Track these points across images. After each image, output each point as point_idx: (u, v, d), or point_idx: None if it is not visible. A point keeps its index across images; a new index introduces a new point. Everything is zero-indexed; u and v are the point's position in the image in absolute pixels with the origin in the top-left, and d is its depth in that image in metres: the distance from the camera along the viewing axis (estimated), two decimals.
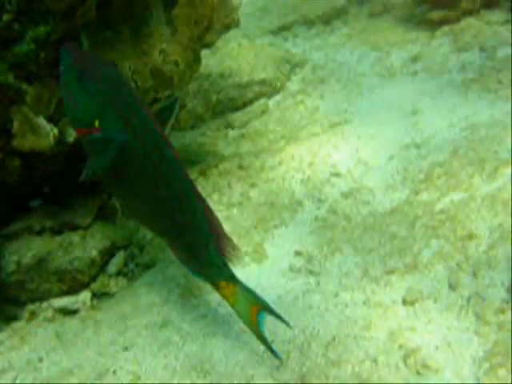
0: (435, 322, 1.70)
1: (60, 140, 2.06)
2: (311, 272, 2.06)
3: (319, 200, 2.39)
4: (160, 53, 2.28)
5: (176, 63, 2.30)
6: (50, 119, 2.04)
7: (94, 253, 2.16)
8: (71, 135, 2.08)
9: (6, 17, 1.88)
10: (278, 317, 1.70)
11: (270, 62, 3.44)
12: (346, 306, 1.84)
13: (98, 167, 1.69)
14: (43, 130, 1.99)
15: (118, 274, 2.20)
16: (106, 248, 2.20)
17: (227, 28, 2.29)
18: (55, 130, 2.01)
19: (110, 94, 1.63)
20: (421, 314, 1.74)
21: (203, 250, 1.75)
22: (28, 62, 1.97)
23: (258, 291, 1.95)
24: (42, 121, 2.00)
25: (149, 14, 2.31)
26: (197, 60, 2.35)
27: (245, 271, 2.13)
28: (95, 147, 1.68)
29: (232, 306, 1.76)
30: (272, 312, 1.71)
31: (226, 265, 1.76)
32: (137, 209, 1.85)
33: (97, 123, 1.63)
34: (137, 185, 1.72)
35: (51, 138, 1.99)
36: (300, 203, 2.40)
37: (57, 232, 2.22)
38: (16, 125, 1.99)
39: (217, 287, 1.78)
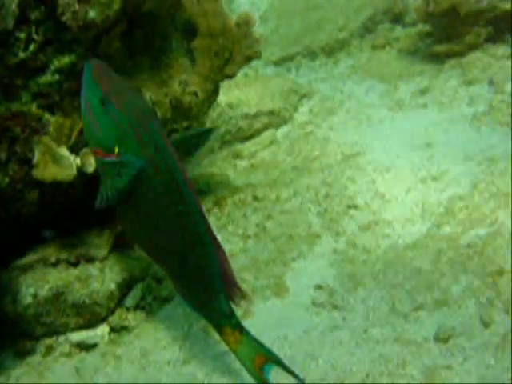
0: (472, 361, 1.67)
1: (80, 170, 2.03)
2: (335, 307, 2.03)
3: (337, 233, 2.37)
4: (180, 83, 2.26)
5: (195, 94, 2.29)
6: (71, 149, 2.01)
7: (113, 286, 2.11)
8: (91, 165, 2.05)
9: (32, 47, 1.86)
10: (290, 371, 1.65)
11: (277, 93, 3.44)
12: (377, 342, 1.81)
13: (113, 191, 1.65)
14: (66, 161, 1.96)
15: (136, 307, 2.15)
16: (125, 281, 2.16)
17: (248, 60, 2.28)
18: (78, 161, 1.98)
19: (132, 122, 1.60)
20: (455, 352, 1.71)
21: (212, 296, 1.71)
22: (52, 92, 1.95)
23: (283, 326, 1.93)
24: (64, 151, 1.97)
25: (168, 45, 2.30)
26: (216, 91, 2.33)
27: (266, 305, 2.11)
28: (111, 170, 1.65)
29: (233, 352, 1.72)
30: (283, 366, 1.66)
31: (233, 313, 1.73)
32: (146, 241, 1.80)
33: (116, 149, 1.60)
34: (150, 218, 1.69)
35: (74, 169, 1.95)
36: (317, 236, 2.38)
37: (72, 264, 2.18)
38: (38, 155, 1.95)
39: (220, 332, 1.74)
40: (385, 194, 2.45)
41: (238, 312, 1.94)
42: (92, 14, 1.85)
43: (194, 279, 1.73)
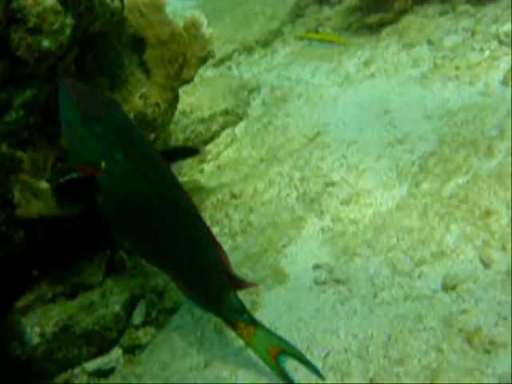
0: (484, 301, 1.73)
1: None
2: (338, 281, 2.06)
3: (321, 212, 2.41)
4: (140, 97, 2.26)
5: (157, 105, 2.29)
6: (49, 181, 2.00)
7: (118, 307, 2.11)
8: None
9: None
10: (304, 361, 1.69)
11: (226, 92, 3.46)
12: (389, 304, 1.86)
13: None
14: (47, 194, 1.94)
15: (144, 323, 2.15)
16: (127, 300, 2.15)
17: (204, 61, 2.30)
18: None
19: (115, 135, 1.60)
20: (466, 296, 1.77)
21: (221, 294, 1.73)
22: (19, 129, 1.93)
23: (294, 309, 1.96)
24: (43, 184, 1.95)
25: (121, 62, 2.30)
26: (176, 98, 2.34)
27: (271, 294, 2.13)
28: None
29: (249, 346, 1.75)
30: (297, 357, 1.70)
31: (244, 307, 1.76)
32: (148, 250, 1.79)
33: (103, 164, 1.60)
34: (148, 227, 1.68)
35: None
36: (302, 219, 2.42)
37: (70, 296, 2.16)
38: (17, 194, 1.93)
39: (234, 327, 1.76)
40: (357, 166, 2.51)
41: (247, 305, 1.96)
42: (46, 43, 1.83)
43: (201, 280, 1.75)
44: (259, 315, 1.95)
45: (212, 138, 3.27)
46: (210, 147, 3.20)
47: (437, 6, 3.47)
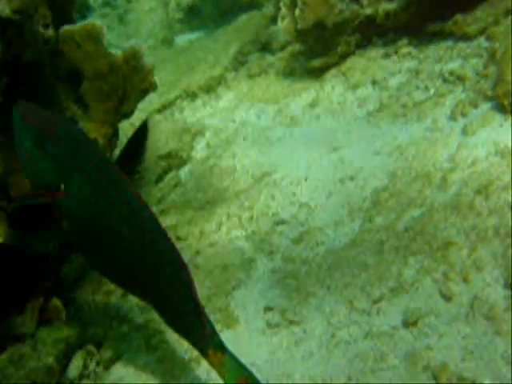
0: (448, 335, 1.62)
1: None
2: (291, 322, 1.94)
3: (271, 252, 2.29)
4: None
5: (95, 140, 2.16)
6: None
7: (50, 360, 1.92)
8: (1, 236, 1.87)
9: None
10: None
11: (170, 136, 3.36)
12: (348, 343, 1.73)
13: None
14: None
15: (81, 377, 1.96)
16: (62, 352, 1.96)
17: (145, 93, 2.19)
18: None
19: (71, 154, 1.53)
20: (429, 331, 1.66)
21: (191, 317, 1.60)
22: None
23: (245, 354, 1.81)
24: None
25: (55, 95, 2.16)
26: (116, 133, 2.22)
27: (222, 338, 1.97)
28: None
29: (221, 377, 1.61)
30: None
31: (215, 333, 1.64)
32: (114, 272, 1.68)
33: (62, 187, 1.53)
34: (114, 248, 1.59)
35: None
36: (252, 260, 2.29)
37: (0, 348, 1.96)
38: None
39: (204, 354, 1.64)
40: (308, 203, 2.41)
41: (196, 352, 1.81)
42: None
43: (172, 302, 1.63)
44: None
45: (155, 182, 3.13)
46: (153, 191, 3.06)
47: (379, 48, 3.47)
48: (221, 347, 1.61)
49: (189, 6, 5.51)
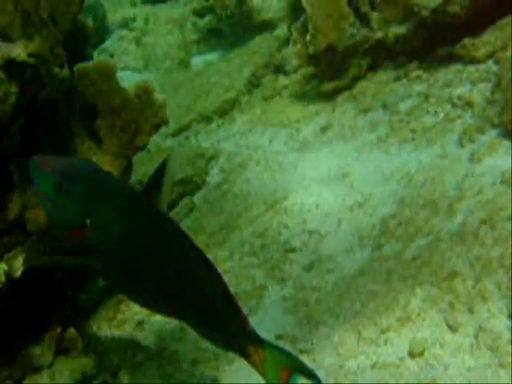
0: (452, 367, 1.65)
1: (7, 276, 1.91)
2: (302, 351, 1.97)
3: (282, 279, 2.34)
4: None
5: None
6: None
7: None
8: (19, 269, 1.94)
9: None
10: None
11: (184, 161, 3.42)
12: (355, 374, 1.77)
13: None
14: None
15: None
16: (78, 382, 2.02)
17: (157, 128, 2.25)
18: (3, 266, 1.85)
19: (94, 189, 1.54)
20: (434, 363, 1.69)
21: (227, 321, 1.60)
22: None
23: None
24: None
25: (71, 130, 2.24)
26: (129, 166, 2.28)
27: (232, 368, 2.04)
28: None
29: (262, 376, 1.59)
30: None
31: (253, 330, 1.62)
32: (149, 297, 1.68)
33: (88, 222, 1.53)
34: (147, 272, 1.60)
35: (2, 276, 1.83)
36: (264, 287, 2.34)
37: (18, 380, 2.02)
38: None
39: (245, 354, 1.61)
40: (319, 231, 2.45)
41: (208, 381, 1.86)
42: None
43: (207, 313, 1.62)
44: None
45: (171, 208, 3.19)
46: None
47: (390, 72, 3.51)
48: (260, 343, 1.60)
49: (205, 27, 5.59)
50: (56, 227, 1.61)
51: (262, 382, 1.56)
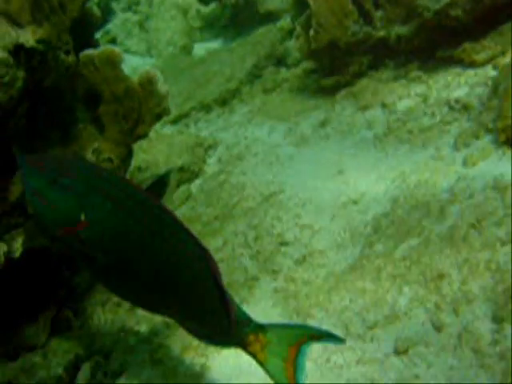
0: (435, 366, 1.71)
1: (7, 257, 1.95)
2: None
3: (274, 272, 2.38)
4: (93, 152, 2.23)
5: (110, 160, 2.26)
6: None
7: (60, 370, 2.02)
8: (18, 250, 1.98)
9: None
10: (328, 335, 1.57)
11: (183, 149, 3.45)
12: (341, 368, 1.82)
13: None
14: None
15: None
16: (71, 362, 2.07)
17: (159, 117, 2.29)
18: (4, 247, 1.90)
19: (88, 181, 1.53)
20: (418, 361, 1.75)
21: (223, 317, 1.57)
22: None
23: (244, 374, 1.91)
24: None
25: (74, 116, 2.27)
26: (130, 154, 2.32)
27: (221, 356, 2.08)
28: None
29: (261, 366, 1.58)
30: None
31: (249, 318, 1.62)
32: (139, 294, 1.66)
33: (83, 216, 1.52)
34: (147, 267, 1.57)
35: (2, 257, 1.87)
36: (255, 278, 2.38)
37: (12, 357, 2.07)
38: None
39: (245, 344, 1.59)
40: (312, 225, 2.50)
41: (196, 369, 1.91)
42: None
43: (203, 306, 1.61)
44: (209, 379, 1.89)
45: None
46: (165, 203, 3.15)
47: (390, 71, 3.54)
48: (261, 328, 1.58)
49: (208, 14, 5.60)
50: (50, 224, 1.56)
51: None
